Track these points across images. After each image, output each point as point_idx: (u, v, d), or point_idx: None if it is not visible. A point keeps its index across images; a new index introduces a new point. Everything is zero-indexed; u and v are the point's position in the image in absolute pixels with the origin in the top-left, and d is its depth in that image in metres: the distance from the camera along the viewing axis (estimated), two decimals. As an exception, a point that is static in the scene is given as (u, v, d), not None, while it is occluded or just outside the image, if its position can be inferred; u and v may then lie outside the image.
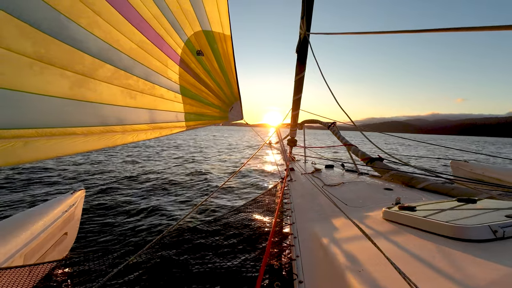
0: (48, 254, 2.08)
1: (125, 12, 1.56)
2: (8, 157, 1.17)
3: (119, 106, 1.69)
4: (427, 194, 1.87)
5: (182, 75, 2.16)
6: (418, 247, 0.89)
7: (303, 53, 2.89)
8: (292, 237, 1.37)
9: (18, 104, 1.19)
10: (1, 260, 1.58)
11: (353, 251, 0.96)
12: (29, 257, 1.81)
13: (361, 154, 2.75)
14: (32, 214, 2.15)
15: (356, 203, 1.74)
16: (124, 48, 1.63)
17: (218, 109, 2.54)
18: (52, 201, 2.52)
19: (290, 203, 1.97)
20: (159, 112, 2.04)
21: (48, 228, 2.08)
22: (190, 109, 2.31)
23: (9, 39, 1.10)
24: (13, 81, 1.15)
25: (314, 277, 1.01)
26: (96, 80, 1.51)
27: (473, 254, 0.77)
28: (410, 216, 1.07)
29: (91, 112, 1.53)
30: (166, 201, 5.03)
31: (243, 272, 2.41)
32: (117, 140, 1.72)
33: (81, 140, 1.50)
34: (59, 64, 1.31)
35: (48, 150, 1.33)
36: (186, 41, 2.10)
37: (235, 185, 6.64)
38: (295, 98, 3.47)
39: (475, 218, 1.00)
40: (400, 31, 1.60)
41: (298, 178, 2.86)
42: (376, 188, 2.16)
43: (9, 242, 1.71)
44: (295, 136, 4.24)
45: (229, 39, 2.40)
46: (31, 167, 7.34)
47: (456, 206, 1.18)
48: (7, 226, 1.90)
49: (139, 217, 4.15)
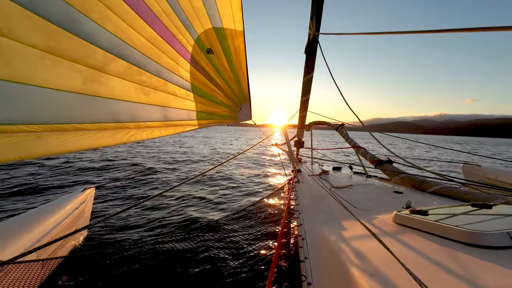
0: (59, 249, 2.14)
1: (136, 7, 1.56)
2: (19, 151, 1.16)
3: (132, 102, 1.69)
4: (439, 198, 1.83)
5: (193, 73, 2.16)
6: (431, 252, 0.87)
7: (312, 54, 2.87)
8: (300, 239, 1.36)
9: (29, 99, 1.17)
10: (16, 254, 1.63)
11: (363, 254, 0.95)
12: (41, 252, 1.86)
13: (370, 156, 2.71)
14: (44, 211, 2.20)
15: (365, 205, 1.72)
16: (136, 43, 1.63)
17: (228, 108, 2.54)
18: (63, 198, 2.58)
19: (297, 204, 1.96)
20: (172, 110, 2.04)
21: (59, 225, 2.13)
22: (201, 107, 2.31)
23: (20, 31, 1.07)
24: (25, 74, 1.12)
25: (323, 279, 1.00)
26: (108, 75, 1.50)
27: (489, 260, 0.75)
28: (422, 220, 1.05)
29: (105, 108, 1.52)
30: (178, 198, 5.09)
31: (250, 272, 2.41)
32: (131, 136, 1.73)
33: (95, 135, 1.50)
34: (71, 57, 1.29)
35: (61, 144, 1.32)
36: (196, 39, 2.10)
37: (242, 184, 6.65)
38: (303, 99, 3.45)
39: (491, 224, 0.97)
40: (410, 31, 1.57)
41: (305, 179, 2.84)
42: (385, 191, 2.13)
43: (23, 237, 1.76)
44: (302, 137, 4.22)
45: (241, 35, 2.37)
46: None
47: (470, 211, 1.15)
48: (21, 222, 1.95)
49: (150, 212, 4.20)
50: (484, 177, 4.54)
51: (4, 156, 1.11)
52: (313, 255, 1.18)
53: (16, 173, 6.47)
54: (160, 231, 3.56)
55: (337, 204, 1.70)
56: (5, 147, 1.11)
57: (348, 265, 0.90)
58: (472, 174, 4.85)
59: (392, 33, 1.72)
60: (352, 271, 0.86)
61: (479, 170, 4.79)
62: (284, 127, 4.19)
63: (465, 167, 5.15)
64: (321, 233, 1.32)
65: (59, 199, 2.54)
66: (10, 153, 1.13)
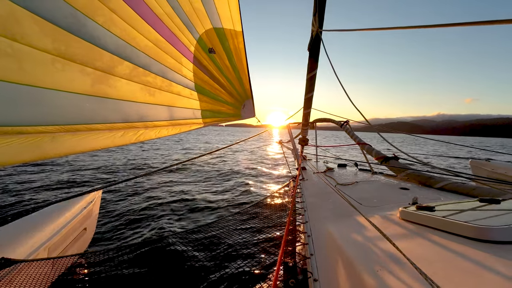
0: (69, 248, 2.18)
1: (139, 10, 1.59)
2: (35, 151, 1.20)
3: (139, 102, 1.73)
4: (446, 194, 1.81)
5: (196, 72, 2.19)
6: (438, 247, 0.86)
7: (315, 51, 2.85)
8: (305, 236, 1.36)
9: (43, 101, 1.21)
10: (28, 252, 1.67)
11: (370, 250, 0.95)
12: (52, 250, 1.90)
13: (375, 153, 2.69)
14: (54, 210, 2.25)
15: (370, 202, 1.71)
16: (140, 45, 1.66)
17: (231, 106, 2.56)
18: (72, 198, 2.63)
19: (302, 201, 1.96)
20: (177, 109, 2.07)
21: (69, 224, 2.17)
22: (206, 106, 2.34)
23: (32, 36, 1.11)
24: (37, 78, 1.16)
25: (329, 275, 1.00)
26: (115, 77, 1.54)
27: (498, 256, 0.74)
28: (429, 216, 1.04)
29: (113, 109, 1.55)
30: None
31: (257, 269, 2.43)
32: (140, 136, 1.76)
33: (106, 135, 1.53)
34: (80, 60, 1.33)
35: (75, 145, 1.36)
36: (198, 39, 2.12)
37: (249, 183, 6.67)
38: (307, 96, 3.43)
39: (500, 219, 0.95)
40: (412, 26, 1.55)
41: (310, 177, 2.84)
42: (391, 187, 2.11)
43: (34, 236, 1.80)
44: (306, 135, 4.21)
45: (240, 35, 2.40)
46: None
47: (478, 207, 1.13)
48: (33, 221, 2.00)
49: (154, 212, 4.26)
50: (493, 172, 4.46)
51: (21, 157, 1.14)
52: (319, 251, 1.18)
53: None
54: (167, 228, 3.61)
55: (343, 201, 1.70)
56: (22, 148, 1.14)
57: (354, 262, 0.90)
58: (481, 169, 4.77)
59: (392, 29, 1.70)
60: (358, 267, 0.86)
61: (488, 165, 4.71)
62: (288, 125, 4.18)
63: (473, 162, 5.07)
64: (327, 230, 1.32)
65: (68, 199, 2.59)
66: (26, 154, 1.16)
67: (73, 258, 1.75)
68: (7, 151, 1.10)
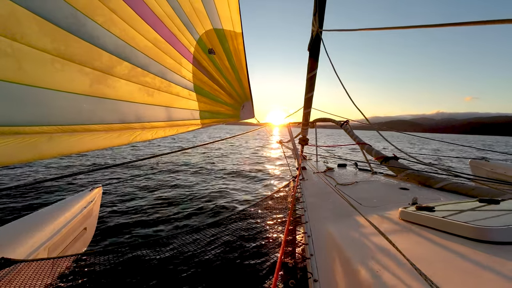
0: (69, 248, 2.18)
1: (139, 10, 1.58)
2: (32, 152, 1.19)
3: (137, 103, 1.72)
4: (445, 194, 1.81)
5: (195, 73, 2.18)
6: (438, 248, 0.86)
7: (316, 51, 2.85)
8: (305, 236, 1.37)
9: (41, 102, 1.21)
10: (28, 252, 1.67)
11: (369, 251, 0.95)
12: (52, 250, 1.90)
13: (375, 152, 2.69)
14: (54, 210, 2.25)
15: (370, 202, 1.71)
16: (140, 45, 1.66)
17: (230, 107, 2.55)
18: (72, 197, 2.63)
19: (302, 202, 1.96)
20: (176, 110, 2.07)
21: (69, 223, 2.17)
22: (204, 107, 2.34)
23: (31, 36, 1.10)
24: (36, 78, 1.16)
25: (329, 276, 1.00)
26: (114, 77, 1.53)
27: (498, 256, 0.74)
28: (428, 217, 1.04)
29: (111, 109, 1.55)
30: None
31: (257, 269, 2.43)
32: (136, 137, 1.76)
33: (103, 136, 1.53)
34: (79, 60, 1.32)
35: (72, 145, 1.36)
36: (198, 39, 2.12)
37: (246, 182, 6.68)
38: (307, 96, 3.43)
39: (499, 220, 0.95)
40: (412, 26, 1.55)
41: (310, 177, 2.84)
42: (391, 187, 2.11)
43: (34, 236, 1.80)
44: (306, 134, 4.21)
45: (240, 36, 2.41)
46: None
47: (478, 207, 1.13)
48: (33, 221, 1.99)
49: (153, 210, 4.26)
50: (492, 172, 4.46)
51: (18, 157, 1.14)
52: (319, 252, 1.18)
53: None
54: (168, 228, 3.61)
55: (343, 201, 1.70)
56: (18, 148, 1.14)
57: (354, 262, 0.90)
58: (480, 169, 4.77)
59: (392, 28, 1.70)
60: (358, 268, 0.86)
61: (487, 165, 4.71)
62: (288, 125, 4.18)
63: (473, 162, 5.07)
64: (327, 230, 1.32)
65: (68, 198, 2.59)
66: (23, 154, 1.16)
67: (73, 258, 1.75)
68: (4, 151, 1.10)
